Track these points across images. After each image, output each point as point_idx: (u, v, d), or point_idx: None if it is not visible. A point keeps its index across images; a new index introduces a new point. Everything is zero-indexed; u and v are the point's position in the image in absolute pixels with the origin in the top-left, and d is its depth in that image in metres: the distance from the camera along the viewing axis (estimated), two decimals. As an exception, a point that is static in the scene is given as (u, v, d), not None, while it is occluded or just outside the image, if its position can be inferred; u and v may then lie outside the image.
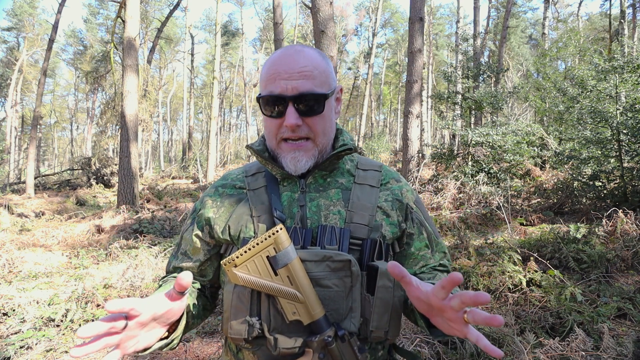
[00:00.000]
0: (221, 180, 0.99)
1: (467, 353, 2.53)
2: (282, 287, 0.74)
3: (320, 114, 0.85)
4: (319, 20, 5.46)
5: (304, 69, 0.83)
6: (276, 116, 0.84)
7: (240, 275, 0.73)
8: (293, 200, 0.88)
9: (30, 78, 29.95)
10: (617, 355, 2.42)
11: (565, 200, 6.90)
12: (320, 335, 0.74)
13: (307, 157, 0.86)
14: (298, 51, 0.85)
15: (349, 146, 0.90)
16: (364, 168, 0.95)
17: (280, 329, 0.77)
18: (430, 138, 27.50)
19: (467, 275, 3.62)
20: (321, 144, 0.87)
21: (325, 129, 0.87)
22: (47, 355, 2.83)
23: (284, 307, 0.75)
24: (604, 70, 6.84)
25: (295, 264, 0.74)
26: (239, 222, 0.88)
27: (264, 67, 0.88)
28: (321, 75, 0.85)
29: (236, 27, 35.65)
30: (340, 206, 0.87)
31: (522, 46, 27.60)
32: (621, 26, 15.70)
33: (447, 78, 11.10)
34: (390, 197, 0.91)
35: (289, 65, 0.83)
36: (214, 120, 17.16)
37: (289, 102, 0.82)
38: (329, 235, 0.81)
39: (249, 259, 0.74)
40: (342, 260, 0.77)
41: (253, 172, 0.96)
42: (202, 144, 29.24)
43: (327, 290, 0.77)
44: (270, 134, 0.88)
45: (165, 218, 7.29)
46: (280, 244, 0.74)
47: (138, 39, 9.81)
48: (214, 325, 3.23)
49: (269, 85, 0.84)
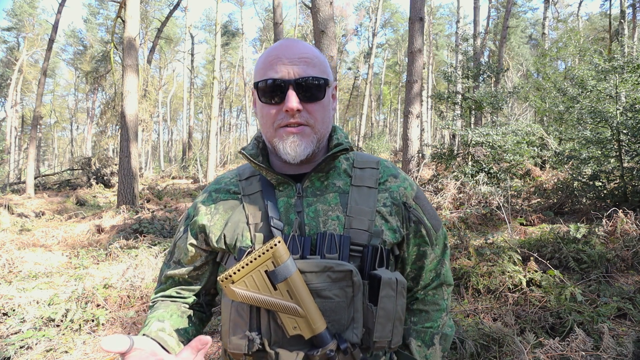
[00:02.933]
0: (214, 185, 0.95)
1: (467, 353, 2.53)
2: (282, 302, 0.72)
3: (321, 100, 0.83)
4: (319, 20, 5.46)
5: (304, 55, 0.82)
6: (275, 102, 0.82)
7: (238, 291, 0.71)
8: (290, 206, 0.85)
9: (30, 78, 29.97)
10: (617, 355, 2.42)
11: (565, 200, 6.90)
12: (322, 349, 0.72)
13: (307, 142, 0.82)
14: (297, 41, 0.86)
15: (345, 146, 0.87)
16: (360, 167, 0.92)
17: (281, 342, 0.74)
18: (430, 138, 27.50)
19: (467, 275, 3.62)
20: (319, 132, 0.84)
21: (324, 118, 0.85)
22: (47, 355, 2.83)
23: (285, 322, 0.72)
24: (604, 70, 6.83)
25: (295, 278, 0.72)
26: (235, 230, 0.85)
27: (261, 57, 0.87)
28: (321, 64, 0.85)
29: (236, 27, 35.66)
30: (338, 211, 0.84)
31: (522, 46, 27.62)
32: (621, 26, 15.70)
33: (447, 78, 11.10)
34: (389, 201, 0.88)
35: (289, 50, 0.82)
36: (214, 120, 17.15)
37: (289, 86, 0.80)
38: (329, 243, 0.79)
39: (247, 275, 0.71)
40: (343, 271, 0.75)
41: (247, 176, 0.92)
42: (202, 144, 29.26)
43: (328, 301, 0.74)
44: (267, 122, 0.84)
45: (165, 218, 7.29)
46: (278, 258, 0.71)
47: (138, 39, 9.81)
48: (214, 325, 3.23)
49: (268, 71, 0.82)
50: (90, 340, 3.08)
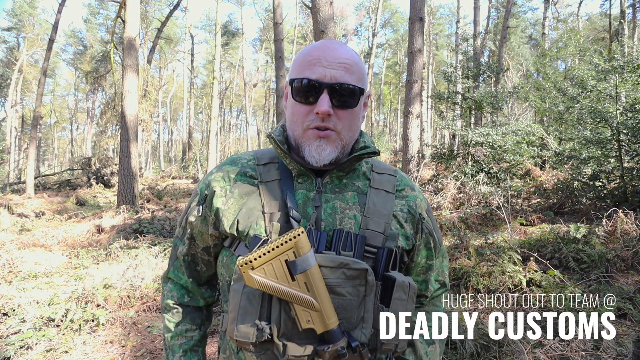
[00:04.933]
0: (230, 164, 0.92)
1: (467, 353, 2.53)
2: (299, 294, 0.71)
3: (353, 108, 0.83)
4: (319, 20, 5.46)
5: (345, 61, 0.81)
6: (308, 102, 0.81)
7: (257, 278, 0.70)
8: (308, 199, 0.84)
9: (30, 78, 29.94)
10: (617, 355, 2.42)
11: (565, 200, 6.90)
12: (334, 346, 0.72)
13: (332, 147, 0.82)
14: (340, 44, 0.85)
15: (372, 149, 0.87)
16: (379, 172, 0.92)
17: (290, 335, 0.73)
18: (430, 138, 27.50)
19: (467, 275, 3.62)
20: (345, 139, 0.84)
21: (352, 126, 0.85)
22: (47, 355, 2.83)
23: (299, 314, 0.72)
24: (604, 70, 6.83)
25: (314, 271, 0.71)
26: (249, 217, 0.83)
27: (301, 53, 0.86)
28: (359, 72, 0.84)
29: (236, 27, 35.62)
30: (356, 210, 0.84)
31: (522, 46, 27.60)
32: (621, 26, 15.70)
33: (447, 78, 11.10)
34: (405, 208, 0.90)
35: (330, 53, 0.81)
36: (214, 120, 17.16)
37: (324, 89, 0.79)
38: (345, 240, 0.79)
39: (267, 262, 0.71)
40: (358, 269, 0.74)
41: (265, 162, 0.90)
42: (202, 144, 29.26)
43: (340, 298, 0.74)
44: (297, 121, 0.83)
45: (165, 218, 7.29)
46: (300, 249, 0.71)
47: (138, 39, 9.81)
48: (213, 325, 3.22)
49: (305, 70, 0.81)
50: (90, 340, 3.08)
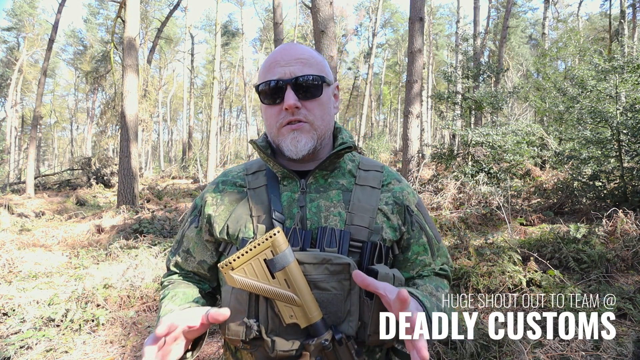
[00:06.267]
0: (222, 177, 0.99)
1: (467, 353, 2.53)
2: (279, 290, 0.73)
3: (318, 97, 0.86)
4: (319, 20, 5.46)
5: (301, 56, 0.86)
6: (275, 103, 0.86)
7: (238, 278, 0.73)
8: (293, 200, 0.87)
9: (30, 78, 29.94)
10: (617, 355, 2.42)
11: (565, 200, 6.90)
12: (318, 339, 0.74)
13: (307, 138, 0.86)
14: (295, 44, 0.90)
15: (349, 144, 0.90)
16: (365, 169, 0.94)
17: (278, 331, 0.76)
18: (430, 138, 27.50)
19: (467, 275, 3.62)
20: (319, 129, 0.87)
21: (323, 115, 0.88)
22: (47, 355, 2.83)
23: (281, 310, 0.74)
24: (604, 70, 6.83)
25: (293, 267, 0.74)
26: (238, 221, 0.87)
27: (262, 64, 0.91)
28: (318, 64, 0.88)
29: (236, 27, 35.61)
30: (340, 208, 0.86)
31: (522, 46, 27.60)
32: (621, 26, 15.69)
33: (447, 78, 11.11)
34: (391, 199, 0.91)
35: (286, 53, 0.87)
36: (214, 120, 17.15)
37: (287, 86, 0.84)
38: (329, 237, 0.81)
39: (246, 262, 0.74)
40: (341, 264, 0.76)
41: (254, 171, 0.95)
42: (202, 144, 29.26)
43: (325, 293, 0.76)
44: (271, 123, 0.88)
45: (165, 218, 7.29)
46: (277, 247, 0.73)
47: (138, 39, 9.81)
48: (213, 325, 3.22)
49: (267, 74, 0.87)
50: (90, 340, 3.08)
